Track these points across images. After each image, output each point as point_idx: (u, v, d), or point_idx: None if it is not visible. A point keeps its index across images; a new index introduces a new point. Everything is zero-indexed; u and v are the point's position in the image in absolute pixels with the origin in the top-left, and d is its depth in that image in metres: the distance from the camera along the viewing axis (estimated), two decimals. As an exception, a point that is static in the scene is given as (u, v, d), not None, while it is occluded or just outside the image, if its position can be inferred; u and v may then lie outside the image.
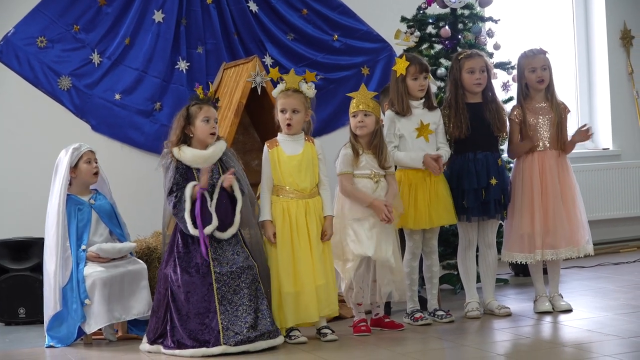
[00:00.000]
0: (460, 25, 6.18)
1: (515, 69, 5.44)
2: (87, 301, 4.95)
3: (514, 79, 5.55)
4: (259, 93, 5.73)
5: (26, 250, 5.75)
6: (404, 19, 6.28)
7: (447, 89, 5.35)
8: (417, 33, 6.18)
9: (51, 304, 5.02)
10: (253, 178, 5.15)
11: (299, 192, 4.86)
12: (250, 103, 5.78)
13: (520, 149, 5.28)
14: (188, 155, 4.81)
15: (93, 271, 4.99)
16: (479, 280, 5.39)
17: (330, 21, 6.97)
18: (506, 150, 5.45)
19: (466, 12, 6.19)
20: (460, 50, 5.64)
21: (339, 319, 5.28)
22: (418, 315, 5.13)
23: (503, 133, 5.28)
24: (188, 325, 4.64)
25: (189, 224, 4.70)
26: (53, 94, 6.23)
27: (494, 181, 5.16)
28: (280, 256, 4.81)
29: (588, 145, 7.82)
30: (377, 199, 4.87)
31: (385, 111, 5.24)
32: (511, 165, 5.59)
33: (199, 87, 5.07)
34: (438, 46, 6.26)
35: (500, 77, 6.01)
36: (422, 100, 5.19)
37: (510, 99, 5.92)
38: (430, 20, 6.23)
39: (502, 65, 6.14)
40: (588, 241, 5.26)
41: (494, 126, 5.22)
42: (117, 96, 6.33)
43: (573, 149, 5.37)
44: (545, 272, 5.37)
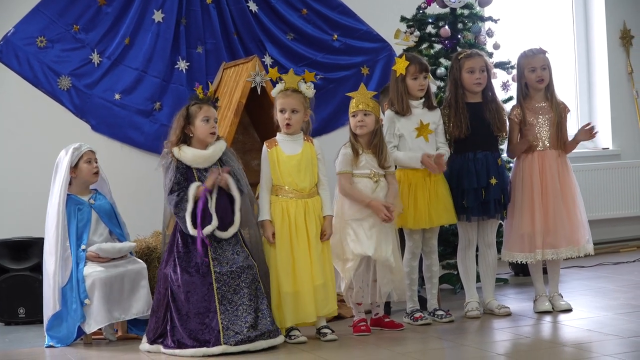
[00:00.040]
0: (460, 25, 6.18)
1: (515, 68, 5.43)
2: (87, 301, 4.95)
3: (514, 79, 5.55)
4: (259, 93, 5.73)
5: (26, 250, 5.75)
6: (403, 19, 6.28)
7: (447, 89, 5.35)
8: (417, 33, 6.18)
9: (50, 303, 5.02)
10: (253, 178, 5.15)
11: (298, 192, 4.85)
12: (250, 103, 5.78)
13: (518, 148, 5.28)
14: (188, 155, 4.81)
15: (93, 271, 4.99)
16: (478, 280, 5.39)
17: (330, 21, 6.96)
18: (506, 149, 5.45)
19: (466, 12, 6.18)
20: (460, 50, 5.64)
21: (339, 318, 5.28)
22: (418, 315, 5.13)
23: (503, 133, 5.28)
24: (188, 325, 4.64)
25: (189, 223, 4.70)
26: (53, 94, 6.23)
27: (493, 181, 5.16)
28: (279, 256, 4.81)
29: (588, 145, 7.81)
30: (375, 199, 4.87)
31: (384, 111, 5.24)
32: (511, 164, 5.59)
33: (198, 87, 5.07)
34: (438, 46, 6.26)
35: (500, 77, 6.00)
36: (422, 100, 5.18)
37: (510, 98, 5.92)
38: (430, 20, 6.23)
39: (502, 65, 6.14)
40: (588, 241, 5.26)
41: (494, 126, 5.22)
42: (117, 96, 6.33)
43: (575, 148, 5.37)
44: (545, 272, 5.37)
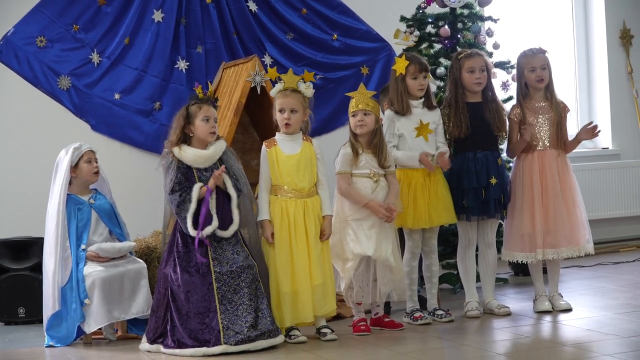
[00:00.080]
0: (459, 25, 6.18)
1: (515, 68, 5.43)
2: (87, 301, 4.95)
3: (514, 79, 5.54)
4: (259, 92, 5.73)
5: (26, 250, 5.75)
6: (403, 19, 6.28)
7: (447, 89, 5.35)
8: (417, 32, 6.18)
9: (50, 303, 5.02)
10: (252, 177, 5.15)
11: (297, 192, 4.85)
12: (250, 102, 5.78)
13: (517, 147, 5.28)
14: (189, 154, 4.80)
15: (93, 270, 4.99)
16: (478, 279, 5.39)
17: (330, 21, 6.96)
18: (505, 149, 5.45)
19: (465, 12, 6.18)
20: (460, 49, 5.63)
21: (339, 318, 5.28)
22: (418, 314, 5.13)
23: (503, 132, 5.28)
24: (188, 325, 4.64)
25: (190, 224, 4.70)
26: (52, 94, 6.23)
27: (493, 180, 5.16)
28: (278, 256, 4.81)
29: (587, 145, 7.81)
30: (373, 200, 4.87)
31: (384, 110, 5.24)
32: (511, 164, 5.59)
33: (198, 87, 5.07)
34: (437, 45, 6.25)
35: (499, 77, 6.00)
36: (422, 99, 5.18)
37: (510, 98, 5.92)
38: (430, 20, 6.22)
39: (502, 65, 6.13)
40: (588, 240, 5.26)
41: (494, 125, 5.22)
42: (117, 96, 6.33)
43: (576, 147, 5.37)
44: (545, 272, 5.37)
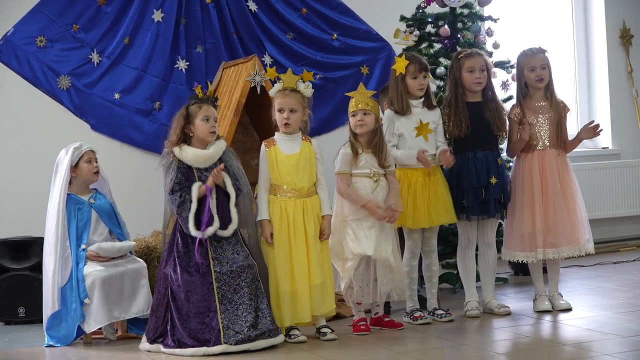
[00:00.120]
0: (459, 24, 6.18)
1: (515, 68, 5.43)
2: (87, 300, 4.94)
3: (514, 78, 5.54)
4: (258, 92, 5.73)
5: (26, 250, 5.75)
6: (403, 18, 6.28)
7: (447, 88, 5.35)
8: (417, 32, 6.18)
9: (50, 303, 5.02)
10: (252, 177, 5.15)
11: (297, 192, 4.85)
12: (250, 102, 5.78)
13: (516, 147, 5.28)
14: (189, 154, 4.80)
15: (93, 270, 4.99)
16: (478, 279, 5.39)
17: (330, 20, 6.96)
18: (505, 149, 5.45)
19: (465, 11, 6.18)
20: (460, 49, 5.63)
21: (339, 318, 5.28)
22: (417, 314, 5.13)
23: (503, 132, 5.28)
24: (188, 325, 4.64)
25: (192, 225, 4.70)
26: (52, 94, 6.23)
27: (493, 180, 5.16)
28: (277, 256, 4.80)
29: (587, 144, 7.81)
30: (371, 201, 4.86)
31: (384, 110, 5.24)
32: (511, 164, 5.59)
33: (197, 87, 5.07)
34: (437, 45, 6.25)
35: (499, 76, 6.00)
36: (422, 99, 5.18)
37: (510, 98, 5.92)
38: (430, 20, 6.22)
39: (502, 64, 6.13)
40: (589, 240, 5.26)
41: (494, 125, 5.22)
42: (117, 95, 6.33)
43: (576, 147, 5.37)
44: (545, 271, 5.37)
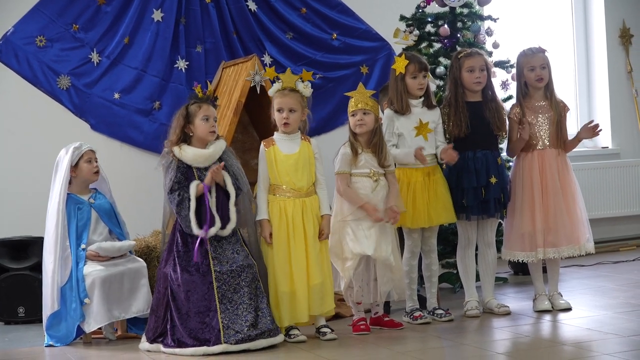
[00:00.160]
0: (459, 24, 6.18)
1: (515, 67, 5.43)
2: (87, 300, 4.95)
3: (513, 78, 5.55)
4: (258, 92, 5.73)
5: (25, 250, 5.75)
6: (403, 18, 6.27)
7: (447, 88, 5.35)
8: (416, 32, 6.18)
9: (50, 303, 5.02)
10: (252, 177, 5.15)
11: (296, 191, 4.85)
12: (249, 102, 5.78)
13: (516, 147, 5.28)
14: (189, 154, 4.80)
15: (92, 270, 4.99)
16: (478, 279, 5.38)
17: (329, 20, 6.96)
18: (505, 149, 5.45)
19: (465, 11, 6.18)
20: (460, 49, 5.63)
21: (338, 317, 5.28)
22: (417, 314, 5.13)
23: (503, 132, 5.27)
24: (188, 324, 4.64)
25: (194, 223, 4.70)
26: (52, 93, 6.23)
27: (493, 180, 5.16)
28: (276, 255, 4.80)
29: (587, 144, 7.81)
30: (369, 202, 4.86)
31: (384, 110, 5.24)
32: (511, 163, 5.59)
33: (197, 86, 5.07)
34: (437, 45, 6.25)
35: (499, 76, 6.00)
36: (422, 99, 5.18)
37: (510, 97, 5.92)
38: (429, 19, 6.22)
39: (501, 64, 6.13)
40: (589, 239, 5.25)
41: (494, 125, 5.22)
42: (116, 95, 6.33)
43: (576, 146, 5.37)
44: (545, 271, 5.37)
